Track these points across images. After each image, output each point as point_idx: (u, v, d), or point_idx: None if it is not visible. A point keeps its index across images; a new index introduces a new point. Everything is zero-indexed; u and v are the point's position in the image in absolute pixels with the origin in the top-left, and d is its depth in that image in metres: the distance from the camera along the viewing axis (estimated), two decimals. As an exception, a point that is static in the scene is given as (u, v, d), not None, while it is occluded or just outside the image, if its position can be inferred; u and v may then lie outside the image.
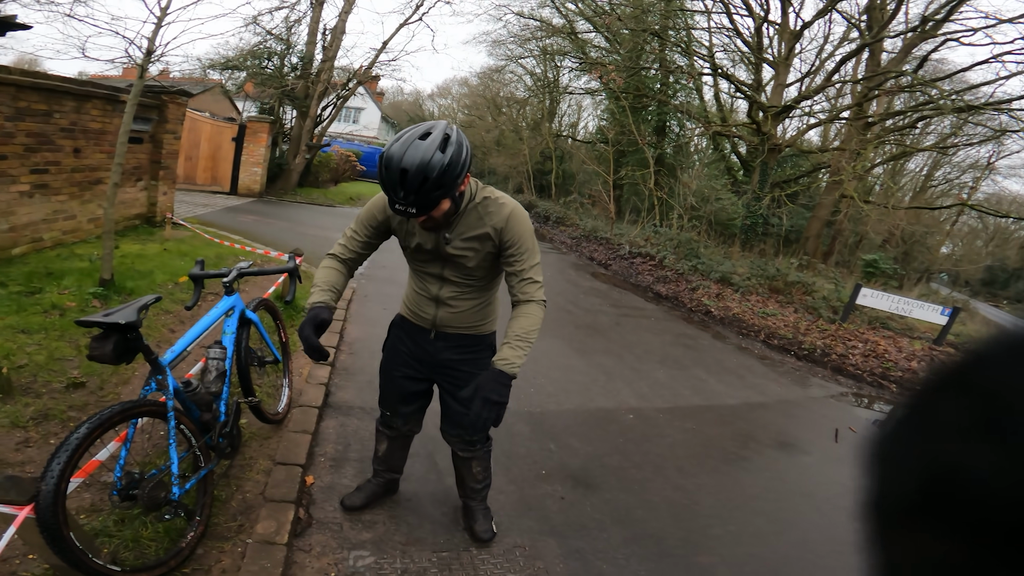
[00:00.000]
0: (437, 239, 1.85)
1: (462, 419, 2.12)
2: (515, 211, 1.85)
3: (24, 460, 2.30)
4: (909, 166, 22.89)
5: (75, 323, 1.61)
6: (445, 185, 1.56)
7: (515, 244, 1.84)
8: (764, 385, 5.37)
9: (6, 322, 3.46)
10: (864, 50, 11.87)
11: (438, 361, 2.09)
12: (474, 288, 1.98)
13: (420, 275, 2.01)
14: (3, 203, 4.58)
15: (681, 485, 3.22)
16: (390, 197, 1.57)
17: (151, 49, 3.62)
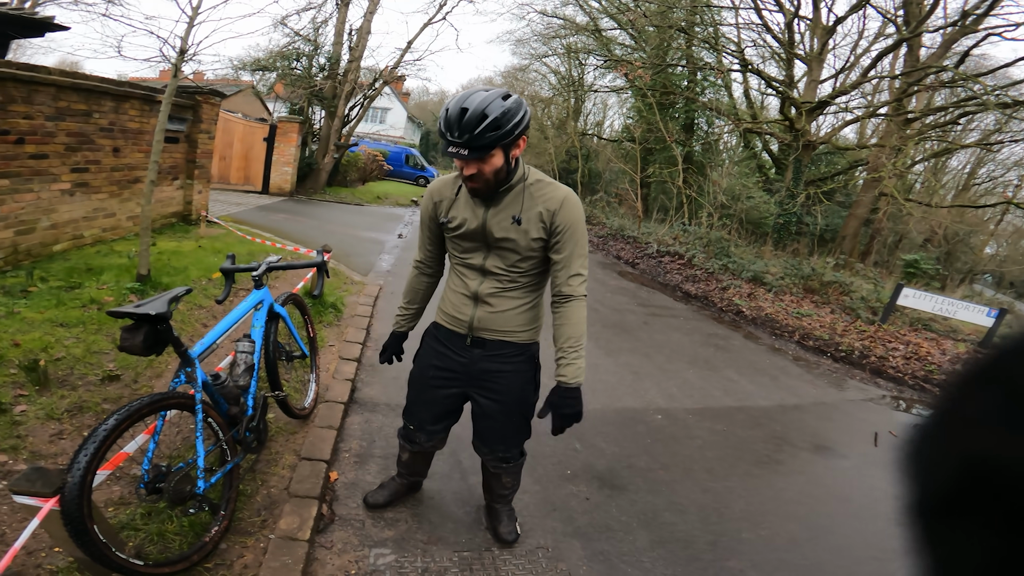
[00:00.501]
0: (484, 216, 1.76)
1: (495, 437, 2.06)
2: (570, 195, 1.78)
3: (57, 452, 2.33)
4: (951, 163, 22.02)
5: (107, 313, 1.62)
6: (502, 127, 1.53)
7: (566, 230, 1.75)
8: (799, 387, 5.19)
9: (46, 316, 3.55)
10: (901, 46, 11.44)
11: (474, 372, 1.95)
12: (518, 286, 1.86)
13: (460, 269, 1.92)
14: (45, 201, 4.73)
15: (711, 488, 3.12)
16: (445, 140, 1.56)
17: (184, 48, 3.69)
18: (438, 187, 1.90)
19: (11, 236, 4.38)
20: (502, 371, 1.92)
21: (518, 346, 1.92)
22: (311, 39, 13.76)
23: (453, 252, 1.93)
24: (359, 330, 4.41)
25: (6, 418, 2.44)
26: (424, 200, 1.93)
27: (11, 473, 2.14)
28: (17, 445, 2.30)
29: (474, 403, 2.04)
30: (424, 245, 2.02)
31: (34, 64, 4.50)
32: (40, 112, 4.49)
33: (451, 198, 1.85)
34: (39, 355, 2.98)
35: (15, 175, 4.34)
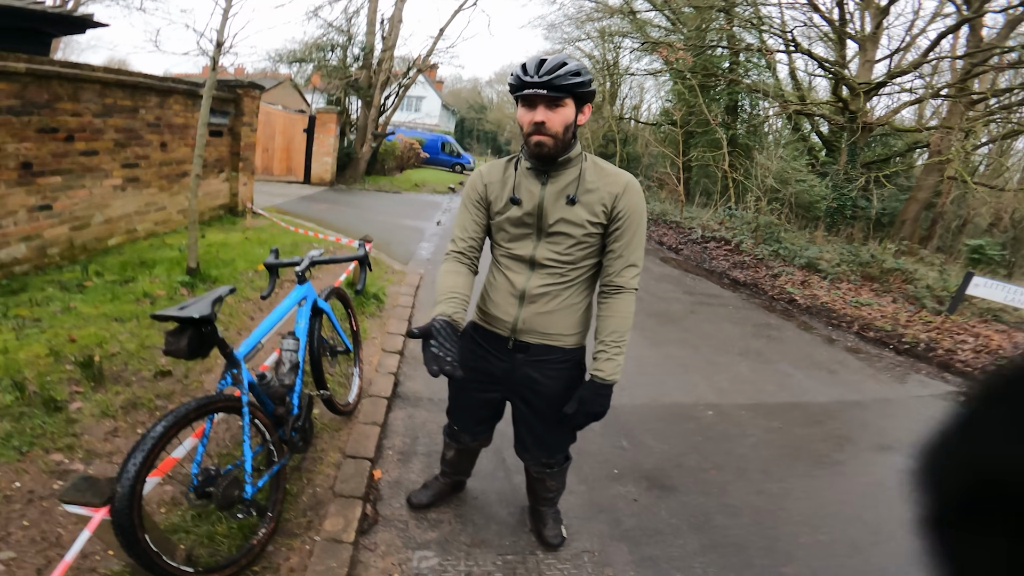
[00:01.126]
0: (541, 194, 1.65)
1: (537, 445, 1.96)
2: (633, 181, 1.68)
3: (112, 450, 2.34)
4: (1016, 145, 20.57)
5: (151, 317, 1.59)
6: (580, 75, 1.52)
7: (628, 217, 1.65)
8: (860, 382, 4.90)
9: (101, 310, 3.63)
10: (963, 26, 10.71)
11: (515, 379, 1.82)
12: (568, 282, 1.71)
13: (505, 263, 1.77)
14: (98, 197, 4.88)
15: (766, 489, 2.96)
16: (520, 84, 1.52)
17: (220, 41, 3.69)
18: (488, 169, 1.79)
19: (66, 232, 4.53)
20: (546, 379, 1.79)
21: (565, 351, 1.78)
22: (344, 30, 13.86)
23: (498, 242, 1.79)
24: (401, 321, 4.39)
25: (62, 416, 2.46)
26: (472, 180, 1.79)
27: (67, 472, 2.16)
28: (73, 444, 2.31)
29: (515, 408, 1.93)
30: (466, 229, 1.77)
31: (78, 62, 4.62)
32: (87, 109, 4.60)
33: (502, 179, 1.74)
34: (94, 351, 3.03)
35: (67, 172, 4.47)
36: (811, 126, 14.74)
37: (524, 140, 1.62)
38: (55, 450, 2.26)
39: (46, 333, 3.18)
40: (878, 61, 12.23)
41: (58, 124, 4.33)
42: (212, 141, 6.87)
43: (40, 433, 2.31)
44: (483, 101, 52.98)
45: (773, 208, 11.01)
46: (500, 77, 53.35)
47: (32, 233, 4.17)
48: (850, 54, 12.82)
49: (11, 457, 2.15)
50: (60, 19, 6.70)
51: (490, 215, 1.77)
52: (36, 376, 2.69)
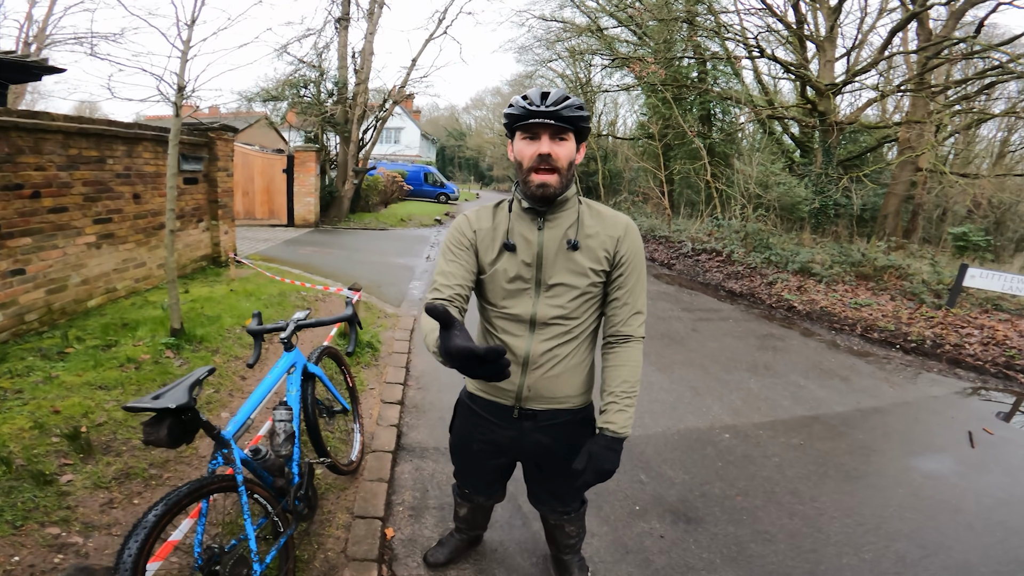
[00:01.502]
0: (540, 239, 1.50)
1: (552, 498, 1.85)
2: (632, 223, 1.59)
3: (110, 522, 2.26)
4: (982, 132, 21.20)
5: (123, 409, 1.46)
6: (583, 111, 1.45)
7: (630, 261, 1.55)
8: (874, 387, 4.80)
9: (84, 379, 3.48)
10: (911, 20, 11.06)
11: (525, 446, 1.68)
12: (573, 338, 1.57)
13: (501, 326, 1.58)
14: (72, 256, 4.68)
15: (799, 511, 2.84)
16: (524, 112, 1.42)
17: (182, 85, 3.55)
18: (476, 215, 1.60)
19: (43, 296, 4.33)
20: (558, 443, 1.66)
21: (574, 412, 1.65)
22: (316, 65, 13.90)
23: (491, 302, 1.58)
24: (399, 368, 4.23)
25: (53, 489, 2.39)
26: (458, 225, 1.59)
27: (66, 545, 2.10)
28: (68, 517, 2.25)
29: (526, 468, 1.83)
30: (452, 275, 1.51)
31: (37, 111, 4.45)
32: (51, 162, 4.40)
33: (492, 226, 1.57)
34: (80, 421, 2.93)
35: (37, 232, 4.27)
36: (782, 128, 14.99)
37: (522, 180, 1.49)
38: (51, 523, 2.21)
39: (28, 405, 3.06)
40: (837, 60, 12.53)
41: (22, 180, 4.11)
42: (188, 189, 6.68)
43: (33, 507, 2.26)
44: (462, 128, 53.65)
45: (759, 215, 11.07)
46: (476, 103, 54.22)
47: (6, 300, 3.98)
48: (810, 55, 13.13)
49: (5, 531, 2.10)
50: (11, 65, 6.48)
51: (479, 268, 1.57)
52: (22, 450, 2.60)
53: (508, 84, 29.11)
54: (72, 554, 2.06)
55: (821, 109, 11.19)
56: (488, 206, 1.62)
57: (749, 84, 15.37)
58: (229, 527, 2.26)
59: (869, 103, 12.75)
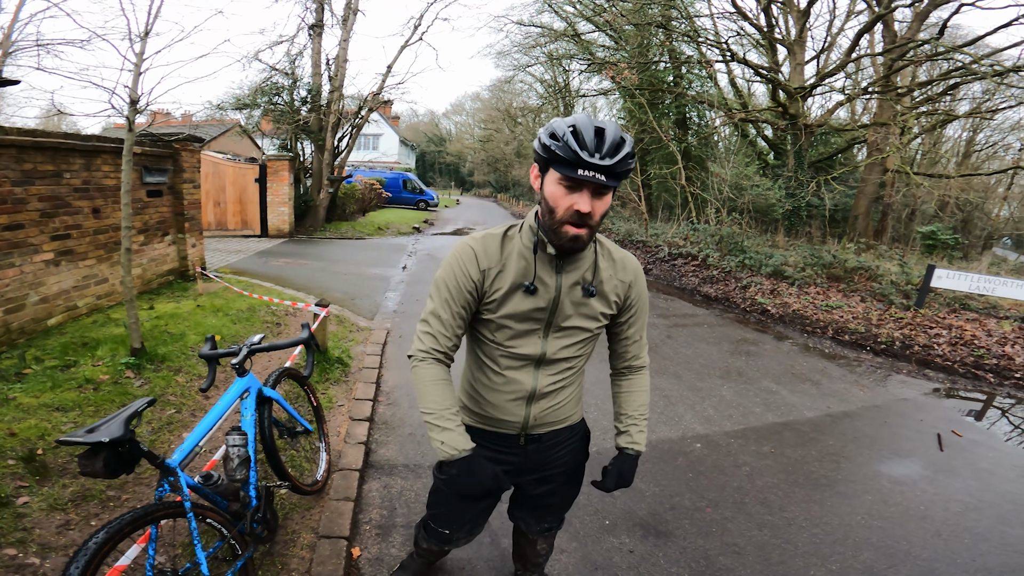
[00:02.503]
0: (559, 284, 1.42)
1: (548, 514, 1.86)
2: (639, 266, 1.59)
3: (67, 543, 2.21)
4: (947, 132, 21.91)
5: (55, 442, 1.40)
6: (633, 159, 1.29)
7: (639, 304, 1.58)
8: (844, 390, 4.86)
9: (42, 400, 3.38)
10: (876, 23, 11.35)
11: (528, 466, 1.69)
12: (575, 370, 1.59)
13: (504, 363, 1.51)
14: (29, 274, 4.52)
15: (768, 522, 2.84)
16: (574, 160, 1.21)
17: (134, 99, 3.43)
18: (483, 249, 1.43)
19: (0, 315, 4.18)
20: (560, 458, 1.71)
21: (572, 427, 1.72)
22: (288, 72, 13.70)
23: (494, 340, 1.49)
24: (368, 384, 4.15)
25: (9, 511, 2.34)
26: (463, 262, 1.43)
27: (23, 566, 2.06)
28: (24, 538, 2.20)
29: (524, 489, 1.80)
30: (450, 326, 1.45)
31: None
32: (6, 178, 4.25)
33: (501, 261, 1.43)
34: (36, 444, 2.86)
35: (-9, 251, 4.13)
36: (756, 131, 15.23)
37: (551, 226, 1.33)
38: (7, 544, 2.15)
39: (-17, 428, 2.95)
40: (807, 63, 12.78)
41: (-26, 198, 3.99)
42: (152, 202, 6.51)
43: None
44: (442, 133, 53.55)
45: (733, 218, 11.20)
46: (456, 108, 54.20)
47: (-41, 322, 3.83)
48: (781, 59, 13.39)
49: None
50: None
51: (480, 305, 1.48)
52: None
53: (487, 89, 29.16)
54: (29, 574, 2.02)
55: (792, 112, 11.38)
56: (495, 236, 1.46)
57: (724, 88, 15.61)
58: (188, 549, 2.21)
59: (838, 105, 13.02)
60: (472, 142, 46.41)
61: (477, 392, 1.59)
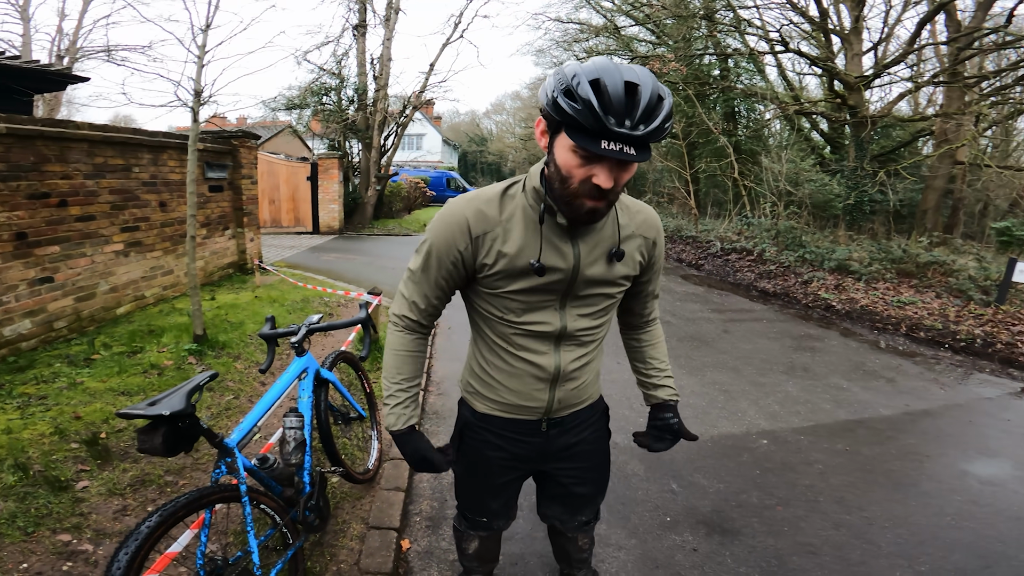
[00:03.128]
0: (576, 255, 1.21)
1: (581, 505, 1.66)
2: (658, 219, 1.38)
3: (122, 529, 2.23)
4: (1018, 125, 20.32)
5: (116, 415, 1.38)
6: (672, 118, 1.02)
7: (659, 259, 1.40)
8: (923, 388, 4.52)
9: (108, 384, 3.50)
10: (939, 12, 10.67)
11: (551, 451, 1.50)
12: (597, 343, 1.40)
13: (517, 342, 1.31)
14: (100, 264, 4.74)
15: (845, 521, 2.64)
16: (597, 129, 0.95)
17: (198, 90, 3.54)
18: (474, 214, 1.21)
19: (72, 303, 4.39)
20: (583, 439, 1.52)
21: (593, 406, 1.52)
22: (335, 72, 14.03)
23: (504, 317, 1.29)
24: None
25: (68, 495, 2.38)
26: (450, 226, 1.22)
27: (76, 553, 2.06)
28: (80, 524, 2.22)
29: (552, 478, 1.60)
30: (428, 296, 1.31)
31: (61, 119, 4.49)
32: (77, 171, 4.45)
33: (502, 225, 1.21)
34: (100, 427, 2.94)
35: (64, 240, 4.33)
36: (811, 125, 14.58)
37: (564, 195, 1.11)
38: (62, 530, 2.16)
39: (51, 411, 3.08)
40: (864, 53, 12.15)
41: (49, 188, 4.17)
42: (213, 197, 6.75)
43: (46, 513, 2.24)
44: (483, 133, 53.86)
45: (791, 212, 10.71)
46: (496, 107, 54.40)
47: (35, 307, 4.03)
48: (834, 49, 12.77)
49: (16, 537, 2.08)
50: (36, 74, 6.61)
51: (473, 275, 1.28)
52: (41, 456, 2.62)
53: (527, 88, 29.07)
54: (81, 562, 2.01)
55: (851, 103, 10.84)
56: (492, 197, 1.24)
57: (773, 80, 15.00)
58: (239, 537, 2.19)
59: (901, 96, 12.32)
60: (513, 141, 46.42)
61: (491, 376, 1.38)
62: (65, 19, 14.49)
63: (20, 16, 15.94)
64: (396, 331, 1.37)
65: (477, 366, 1.43)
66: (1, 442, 2.68)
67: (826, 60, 11.76)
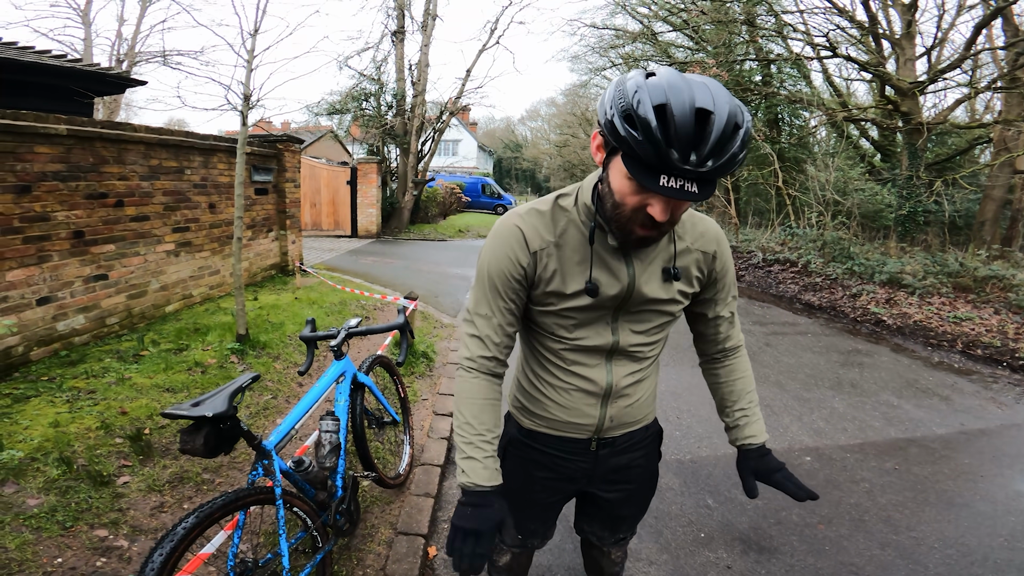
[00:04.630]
0: (632, 275, 1.15)
1: (623, 525, 1.61)
2: (720, 232, 1.28)
3: (158, 527, 2.26)
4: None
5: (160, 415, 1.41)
6: (748, 144, 0.92)
7: (727, 273, 1.29)
8: (980, 407, 4.27)
9: (154, 381, 3.60)
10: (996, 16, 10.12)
11: (599, 473, 1.43)
12: (652, 360, 1.32)
13: (568, 357, 1.26)
14: (152, 263, 4.93)
15: (893, 541, 2.52)
16: (657, 164, 0.86)
17: (247, 94, 3.66)
18: (530, 229, 1.16)
19: (124, 300, 4.58)
20: (633, 463, 1.44)
21: (647, 427, 1.45)
22: (375, 78, 14.31)
23: (553, 333, 1.25)
24: (452, 380, 4.15)
25: (108, 490, 2.42)
26: (507, 247, 1.16)
27: (111, 549, 2.09)
28: (118, 519, 2.26)
29: (595, 498, 1.54)
30: (499, 327, 1.22)
31: (119, 121, 4.67)
32: (134, 172, 4.64)
33: (554, 242, 1.16)
34: (145, 423, 3.02)
35: (120, 239, 4.52)
36: (860, 132, 14.04)
37: (617, 221, 1.04)
38: (100, 525, 2.20)
39: (99, 405, 3.18)
40: (917, 58, 11.65)
41: (106, 189, 4.35)
42: (258, 200, 6.94)
43: (86, 508, 2.28)
44: (518, 139, 54.09)
45: (842, 222, 10.32)
46: (531, 114, 54.58)
47: (89, 304, 4.22)
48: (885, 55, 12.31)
49: (54, 532, 2.12)
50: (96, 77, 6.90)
51: (533, 293, 1.23)
52: (85, 450, 2.68)
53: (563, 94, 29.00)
54: (116, 558, 2.05)
55: (904, 109, 10.41)
56: (544, 207, 1.19)
57: (819, 86, 14.54)
58: (270, 538, 2.22)
59: (958, 103, 11.77)
60: (548, 147, 46.45)
61: (539, 391, 1.33)
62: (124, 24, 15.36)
63: (81, 21, 16.87)
64: (471, 378, 1.24)
65: (525, 380, 1.37)
66: (48, 435, 2.76)
67: (877, 65, 11.34)
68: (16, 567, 1.92)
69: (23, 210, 3.65)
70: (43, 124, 3.74)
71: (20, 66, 6.19)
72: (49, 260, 3.87)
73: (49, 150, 3.84)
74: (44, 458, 2.56)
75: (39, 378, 3.51)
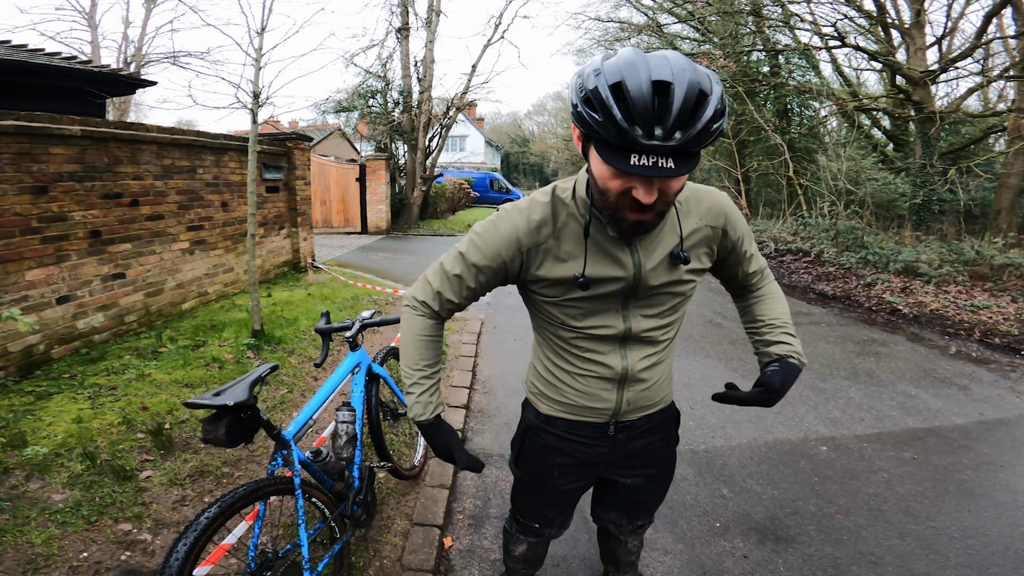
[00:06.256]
0: (637, 264, 1.14)
1: (642, 511, 1.61)
2: (726, 200, 1.24)
3: (180, 520, 2.29)
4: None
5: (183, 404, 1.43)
6: (724, 114, 0.88)
7: (742, 240, 1.26)
8: (999, 397, 4.21)
9: (173, 377, 3.67)
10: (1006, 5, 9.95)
11: (617, 457, 1.43)
12: (668, 342, 1.31)
13: (580, 345, 1.26)
14: (168, 261, 5.00)
15: (912, 531, 2.50)
16: (622, 143, 0.84)
17: (256, 92, 3.69)
18: (527, 223, 1.16)
19: (141, 299, 4.65)
20: (651, 446, 1.44)
21: (664, 410, 1.44)
22: (381, 75, 14.32)
23: (564, 321, 1.24)
24: (465, 372, 4.17)
25: (131, 485, 2.47)
26: (500, 235, 1.16)
27: (135, 543, 2.12)
28: (141, 513, 2.30)
29: (613, 483, 1.53)
30: (460, 292, 1.24)
31: (132, 122, 4.73)
32: (148, 172, 4.70)
33: (553, 234, 1.16)
34: (165, 419, 3.08)
35: (136, 238, 4.58)
36: (871, 122, 13.87)
37: (603, 206, 1.03)
38: (124, 519, 2.23)
39: (120, 401, 3.25)
40: (928, 47, 11.47)
41: (121, 189, 4.42)
42: (269, 198, 7.00)
43: (110, 502, 2.32)
44: (524, 134, 53.97)
45: (855, 211, 10.21)
46: (538, 108, 54.42)
47: (108, 302, 4.29)
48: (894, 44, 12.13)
49: (79, 526, 2.15)
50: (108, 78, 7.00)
51: (522, 283, 1.25)
52: (108, 445, 2.74)
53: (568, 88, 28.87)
54: (139, 551, 2.08)
55: (916, 99, 10.27)
56: (546, 203, 1.16)
57: (828, 76, 14.34)
58: (289, 529, 2.25)
59: (970, 91, 11.59)
60: (555, 141, 46.31)
61: (556, 378, 1.33)
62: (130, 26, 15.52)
63: (88, 24, 17.03)
64: (416, 315, 1.30)
65: (541, 366, 1.38)
66: (71, 431, 2.83)
67: (886, 55, 11.19)
68: (43, 562, 1.95)
69: (41, 210, 3.71)
70: (57, 125, 3.80)
71: (33, 68, 6.27)
72: (67, 259, 3.93)
73: (64, 151, 3.89)
74: (68, 453, 2.62)
75: (61, 375, 3.58)
